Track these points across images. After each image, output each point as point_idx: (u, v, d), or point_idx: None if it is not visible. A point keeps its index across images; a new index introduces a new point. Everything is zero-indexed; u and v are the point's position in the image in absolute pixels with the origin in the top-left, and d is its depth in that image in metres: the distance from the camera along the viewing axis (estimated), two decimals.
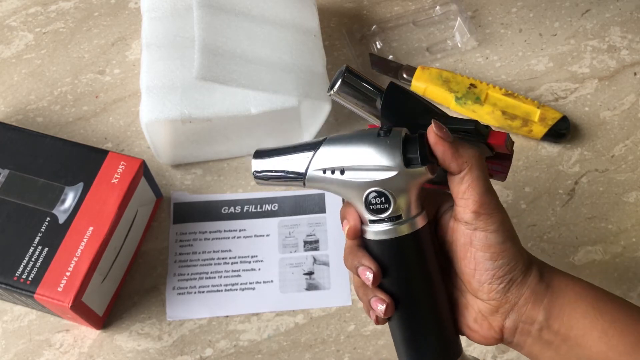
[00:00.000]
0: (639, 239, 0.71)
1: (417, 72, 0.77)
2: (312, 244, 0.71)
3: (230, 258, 0.71)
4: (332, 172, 0.46)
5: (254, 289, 0.69)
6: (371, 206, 0.46)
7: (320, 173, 0.47)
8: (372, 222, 0.47)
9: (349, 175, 0.46)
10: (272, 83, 0.69)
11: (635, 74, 0.80)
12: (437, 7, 0.84)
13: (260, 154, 0.49)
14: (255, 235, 0.72)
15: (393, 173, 0.45)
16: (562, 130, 0.74)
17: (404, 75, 0.78)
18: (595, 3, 0.84)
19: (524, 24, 0.83)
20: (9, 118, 0.78)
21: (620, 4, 0.84)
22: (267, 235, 0.72)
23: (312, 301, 0.68)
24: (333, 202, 0.73)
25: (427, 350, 0.48)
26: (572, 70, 0.80)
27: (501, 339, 0.48)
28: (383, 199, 0.46)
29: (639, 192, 0.73)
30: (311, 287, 0.69)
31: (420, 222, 0.47)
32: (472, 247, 0.46)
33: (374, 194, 0.46)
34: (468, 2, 0.85)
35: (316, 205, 0.73)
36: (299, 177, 0.47)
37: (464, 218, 0.46)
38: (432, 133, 0.45)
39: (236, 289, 0.69)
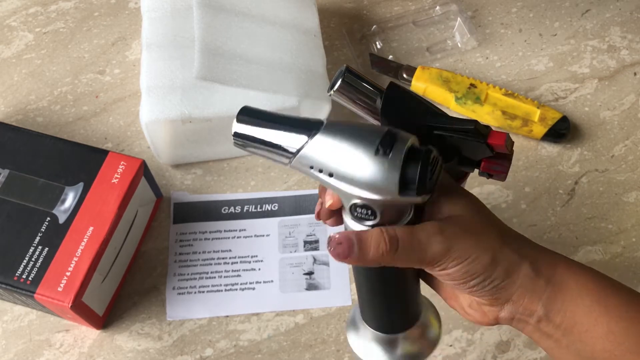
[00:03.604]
0: (638, 239, 0.71)
1: (417, 72, 0.77)
2: (312, 244, 0.71)
3: (230, 258, 0.71)
4: (320, 171, 0.41)
5: (254, 288, 0.69)
6: (355, 213, 0.42)
7: (307, 167, 0.42)
8: (354, 219, 0.43)
9: (336, 181, 0.41)
10: (272, 83, 0.69)
11: (635, 74, 0.80)
12: (437, 7, 0.84)
13: (246, 115, 0.43)
14: (255, 235, 0.72)
15: (383, 198, 0.40)
16: (562, 130, 0.74)
17: (404, 75, 0.78)
18: (595, 3, 0.84)
19: (524, 24, 0.83)
20: (9, 118, 0.78)
21: (620, 4, 0.84)
22: (267, 235, 0.72)
23: (312, 301, 0.68)
24: None
25: (391, 313, 0.48)
26: (572, 70, 0.80)
27: (497, 323, 0.46)
28: (369, 211, 0.42)
29: (639, 192, 0.73)
30: (311, 287, 0.69)
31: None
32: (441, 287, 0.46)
33: (359, 205, 0.42)
34: (468, 2, 0.85)
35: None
36: (285, 158, 0.42)
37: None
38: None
39: (236, 289, 0.69)
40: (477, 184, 0.73)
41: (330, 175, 0.41)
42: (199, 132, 0.71)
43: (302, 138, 0.41)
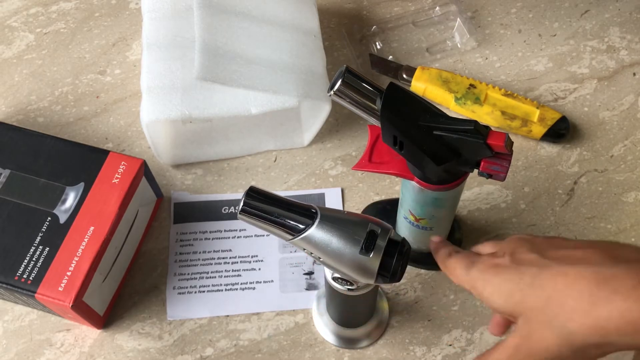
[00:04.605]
0: (638, 238, 0.71)
1: (417, 73, 0.77)
2: None
3: (230, 258, 0.71)
4: (311, 254, 0.49)
5: (254, 288, 0.69)
6: (336, 280, 0.53)
7: (302, 249, 0.49)
8: (334, 281, 0.54)
9: (324, 262, 0.49)
10: (272, 83, 0.69)
11: (634, 74, 0.80)
12: (437, 8, 0.84)
13: (255, 194, 0.48)
14: (256, 235, 0.72)
15: (359, 281, 0.51)
16: (562, 131, 0.74)
17: (404, 76, 0.78)
18: (594, 4, 0.85)
19: (524, 24, 0.84)
20: (10, 118, 0.79)
21: (619, 5, 0.84)
22: (267, 235, 0.72)
23: (312, 301, 0.68)
24: (333, 202, 0.73)
25: None
26: (572, 70, 0.80)
27: None
28: (348, 283, 0.52)
29: (638, 192, 0.73)
30: (311, 287, 0.69)
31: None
32: None
33: (340, 278, 0.52)
34: (468, 2, 0.85)
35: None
36: (284, 235, 0.49)
37: None
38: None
39: (236, 289, 0.69)
40: (476, 184, 0.74)
41: (319, 258, 0.49)
42: (199, 132, 0.72)
43: (300, 227, 0.48)
